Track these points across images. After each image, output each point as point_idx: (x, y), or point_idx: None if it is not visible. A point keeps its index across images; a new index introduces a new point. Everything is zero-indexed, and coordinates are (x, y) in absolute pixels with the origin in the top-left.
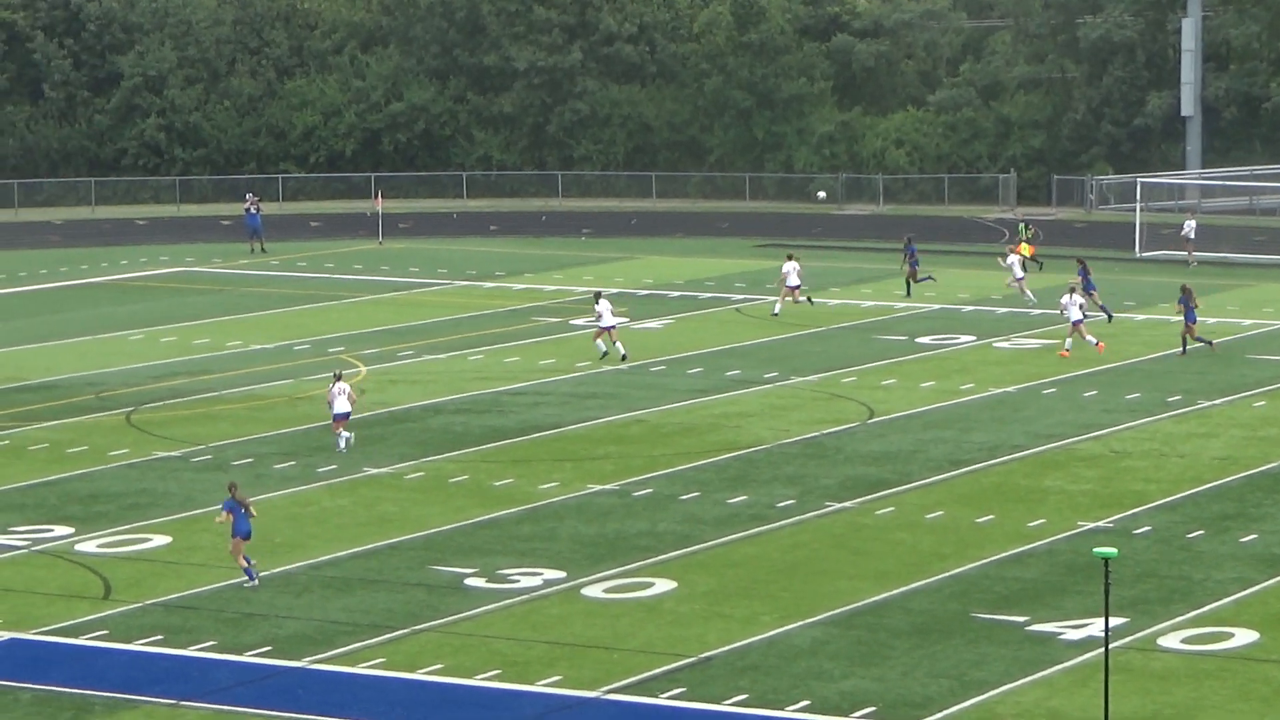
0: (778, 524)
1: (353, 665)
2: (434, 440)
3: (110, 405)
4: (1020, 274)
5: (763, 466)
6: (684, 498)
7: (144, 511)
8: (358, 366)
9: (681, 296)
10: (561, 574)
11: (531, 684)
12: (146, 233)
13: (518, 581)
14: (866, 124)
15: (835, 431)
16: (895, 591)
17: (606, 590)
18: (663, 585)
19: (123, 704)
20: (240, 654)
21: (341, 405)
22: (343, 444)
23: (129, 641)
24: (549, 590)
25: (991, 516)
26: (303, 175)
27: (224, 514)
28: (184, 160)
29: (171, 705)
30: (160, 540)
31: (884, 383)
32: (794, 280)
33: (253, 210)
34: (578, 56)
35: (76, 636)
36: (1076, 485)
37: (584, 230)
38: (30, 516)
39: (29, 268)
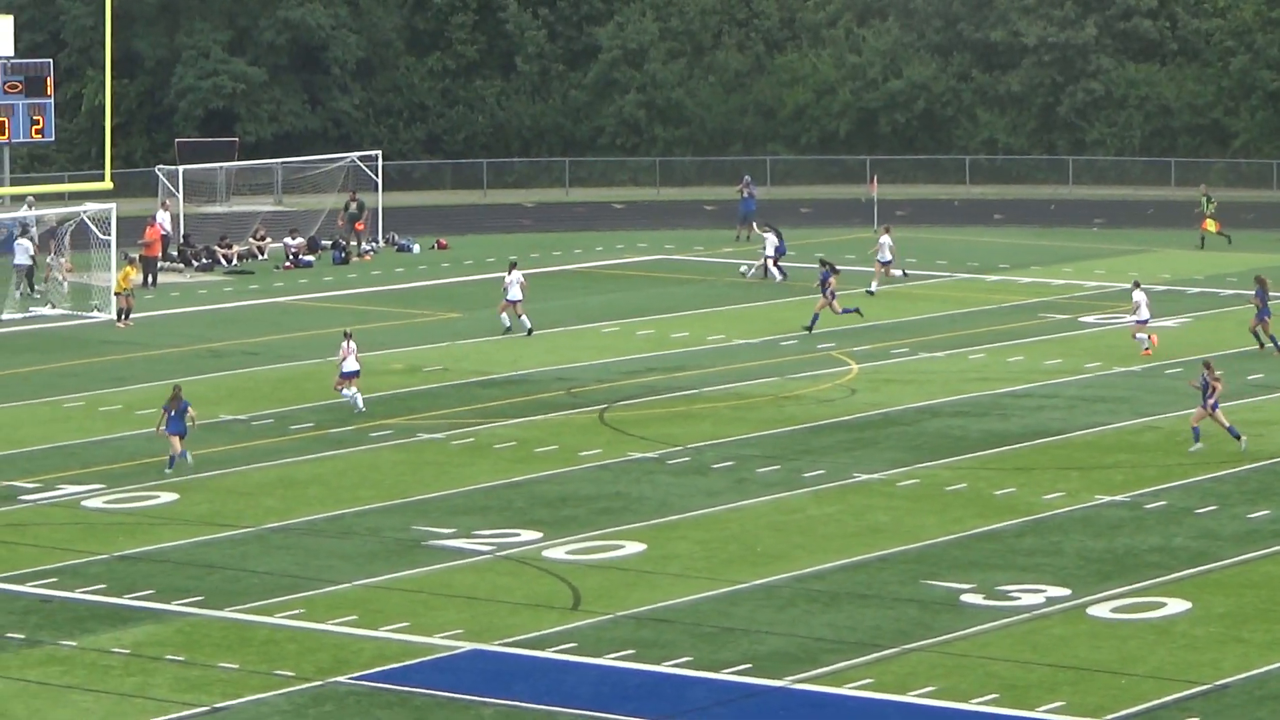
0: None
1: (838, 685)
2: (929, 445)
3: (582, 402)
4: None
5: None
6: (1200, 511)
7: (616, 516)
8: (849, 364)
9: (1201, 293)
10: (1066, 591)
11: (1032, 709)
12: (623, 217)
13: (1018, 599)
14: None
15: None
16: None
17: (1114, 610)
18: (1176, 606)
19: None
20: (717, 671)
21: (350, 364)
22: (360, 403)
23: (598, 656)
24: (1052, 609)
25: None
26: (792, 157)
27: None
28: (664, 140)
29: None
30: (634, 548)
31: None
32: None
33: (746, 194)
34: (1092, 32)
35: (543, 649)
36: None
37: (1096, 220)
38: (495, 520)
39: (498, 253)
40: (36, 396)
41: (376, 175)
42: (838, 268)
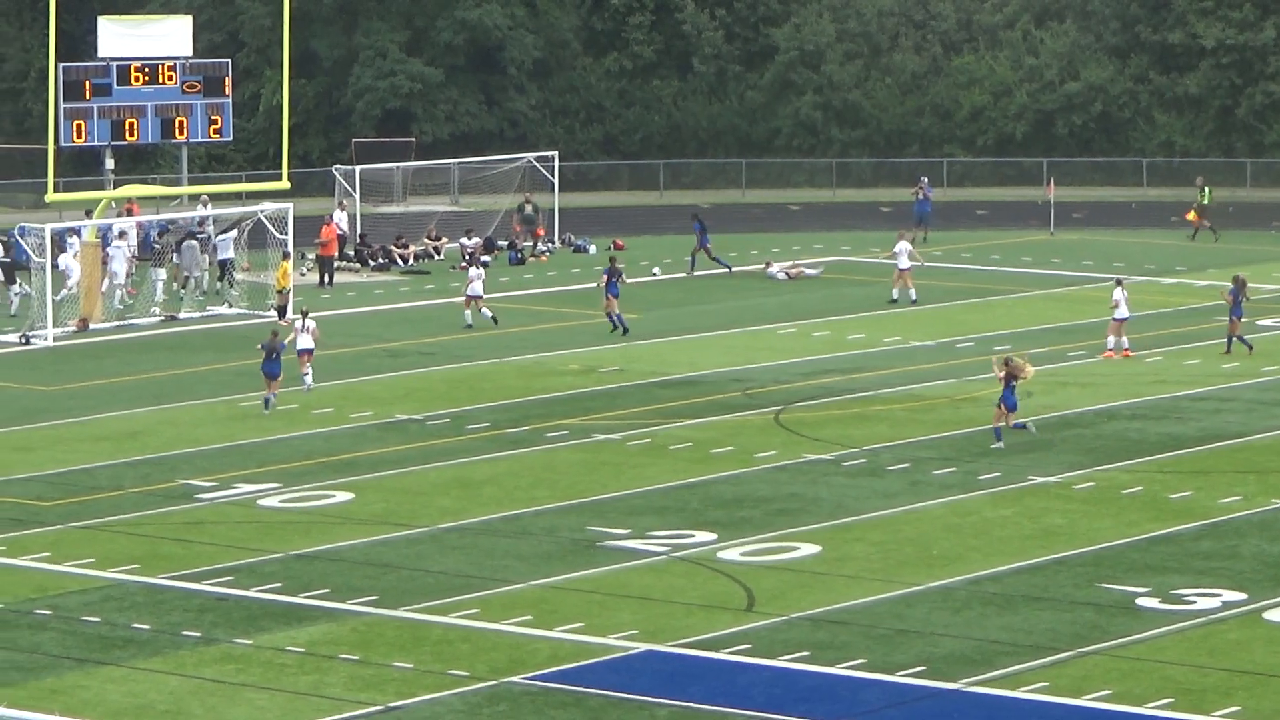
0: None
1: (1013, 689)
2: (1106, 448)
3: (758, 403)
4: None
5: None
6: None
7: (792, 518)
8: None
9: None
10: (1242, 595)
11: (1208, 714)
12: (800, 219)
13: (1194, 603)
14: None
15: None
16: None
17: None
18: None
19: None
20: (891, 674)
21: (304, 341)
22: (308, 379)
23: (772, 657)
24: (1228, 613)
25: None
26: (969, 159)
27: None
28: (841, 141)
29: None
30: (809, 549)
31: None
32: None
33: (921, 196)
34: (1271, 34)
35: (716, 650)
36: None
37: (1275, 223)
38: (671, 521)
39: (674, 254)
40: (214, 395)
41: (552, 176)
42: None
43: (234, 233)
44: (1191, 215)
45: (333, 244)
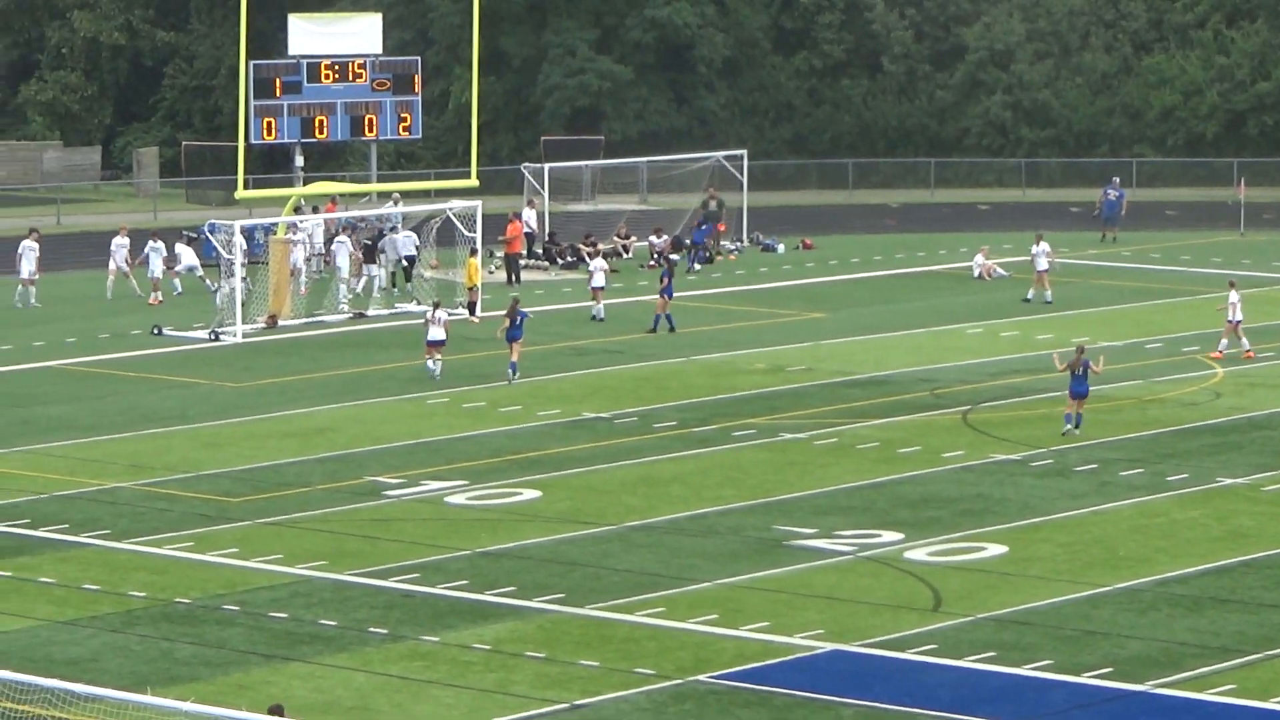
0: None
1: (1199, 691)
2: None
3: (945, 403)
4: None
5: None
6: None
7: (978, 518)
8: (1214, 368)
9: None
10: None
11: None
12: (988, 218)
13: None
14: None
15: None
16: None
17: None
18: None
19: None
20: (1078, 675)
21: (436, 333)
22: (437, 373)
23: (959, 657)
24: None
25: None
26: (1159, 159)
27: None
28: (1030, 141)
29: None
30: (995, 550)
31: None
32: None
33: (1111, 196)
34: None
35: (903, 650)
36: None
37: None
38: (858, 520)
39: (863, 253)
40: (402, 393)
41: (741, 174)
42: None
43: (409, 234)
44: None
45: (518, 241)
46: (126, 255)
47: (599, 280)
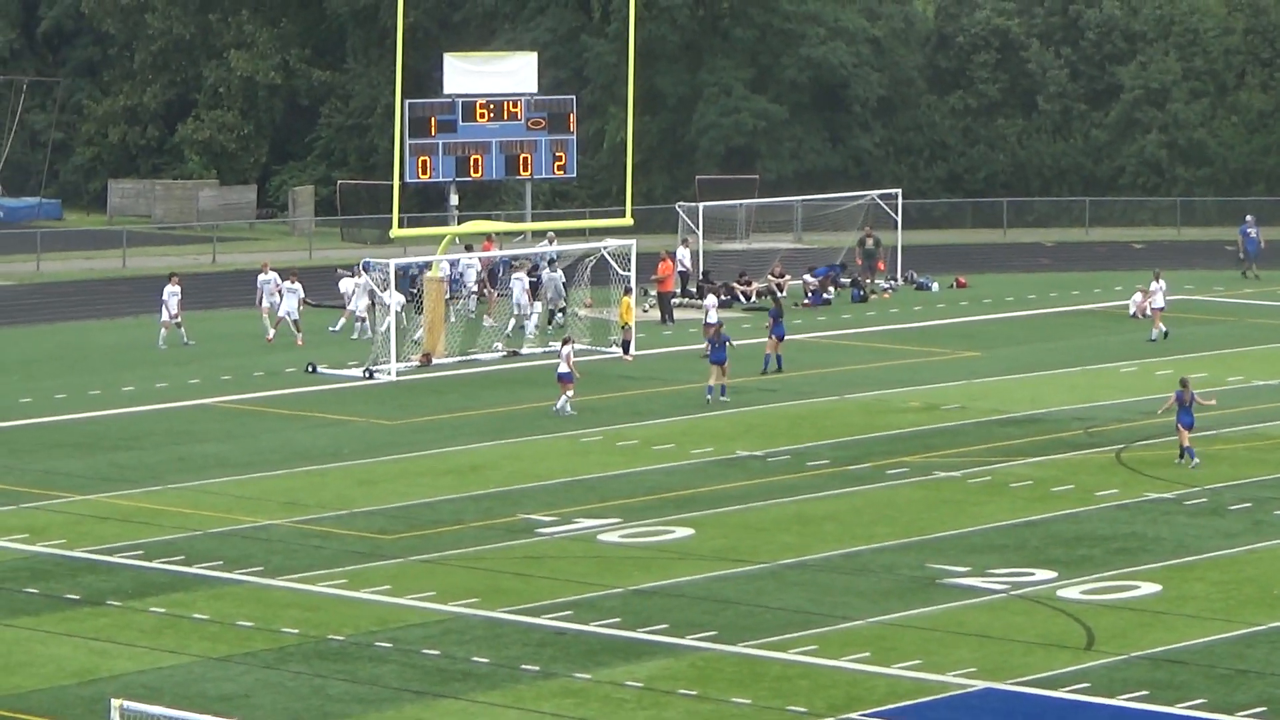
0: None
1: None
2: None
3: (1099, 442)
4: None
5: None
6: None
7: (1132, 557)
8: None
9: None
10: None
11: None
12: (1143, 257)
13: None
14: None
15: None
16: None
17: None
18: None
19: None
20: (1232, 714)
21: (563, 367)
22: (565, 405)
23: (1111, 696)
24: None
25: None
26: None
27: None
28: (1185, 180)
29: None
30: (1149, 588)
31: None
32: None
33: (1251, 233)
34: None
35: (1055, 689)
36: None
37: None
38: (1011, 559)
39: (1017, 292)
40: (556, 430)
41: (896, 213)
42: None
43: (558, 273)
44: None
45: (670, 279)
46: (274, 289)
47: (712, 317)
